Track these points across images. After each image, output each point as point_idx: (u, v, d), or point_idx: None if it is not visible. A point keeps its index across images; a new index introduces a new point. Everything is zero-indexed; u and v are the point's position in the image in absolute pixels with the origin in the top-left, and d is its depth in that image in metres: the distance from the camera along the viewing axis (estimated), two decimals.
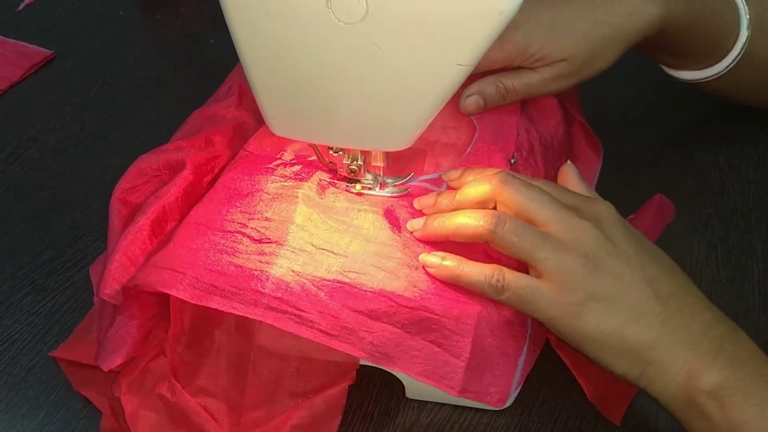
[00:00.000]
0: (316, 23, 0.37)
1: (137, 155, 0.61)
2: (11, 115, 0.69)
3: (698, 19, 0.54)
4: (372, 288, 0.43)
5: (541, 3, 0.52)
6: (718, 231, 0.58)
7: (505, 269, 0.42)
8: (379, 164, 0.48)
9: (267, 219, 0.46)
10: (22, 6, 0.81)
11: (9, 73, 0.72)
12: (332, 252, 0.44)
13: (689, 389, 0.39)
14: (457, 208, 0.45)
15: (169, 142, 0.56)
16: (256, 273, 0.43)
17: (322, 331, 0.42)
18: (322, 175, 0.49)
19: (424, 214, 0.47)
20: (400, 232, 0.46)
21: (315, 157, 0.50)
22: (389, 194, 0.49)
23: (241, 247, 0.44)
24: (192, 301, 0.43)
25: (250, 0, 0.37)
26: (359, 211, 0.47)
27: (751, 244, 0.57)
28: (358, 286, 0.43)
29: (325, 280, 0.43)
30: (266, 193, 0.47)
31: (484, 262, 0.43)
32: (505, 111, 0.54)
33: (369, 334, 0.42)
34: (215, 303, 0.42)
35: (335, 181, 0.49)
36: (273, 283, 0.43)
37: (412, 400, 0.48)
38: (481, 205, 0.44)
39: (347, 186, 0.49)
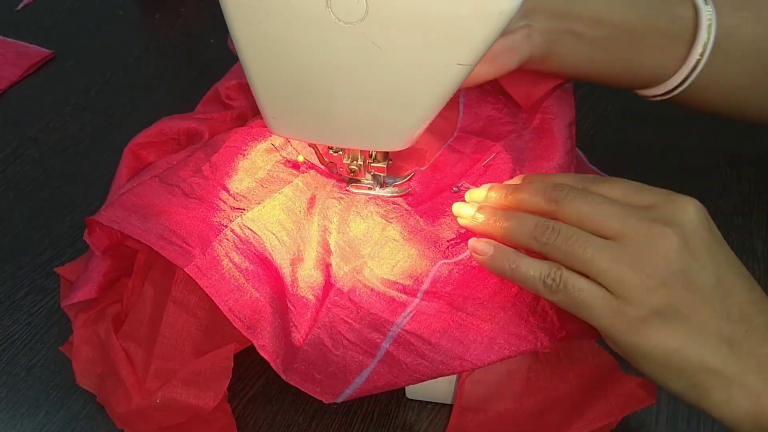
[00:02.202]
0: (316, 23, 0.37)
1: None
2: (11, 115, 0.69)
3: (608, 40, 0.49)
4: (256, 250, 0.44)
5: None
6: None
7: (563, 268, 0.39)
8: (379, 164, 0.48)
9: (204, 177, 0.48)
10: (21, 6, 0.81)
11: (9, 73, 0.72)
12: (242, 210, 0.46)
13: (758, 416, 0.36)
14: (510, 208, 0.43)
15: (198, 107, 0.59)
16: (166, 213, 0.45)
17: (198, 267, 0.43)
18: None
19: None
20: (310, 213, 0.47)
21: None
22: (389, 194, 0.49)
23: (171, 197, 0.46)
24: (103, 221, 0.46)
25: (250, 0, 0.37)
26: (291, 183, 0.48)
27: (752, 244, 0.57)
28: (246, 242, 0.44)
29: (222, 226, 0.44)
30: (208, 146, 0.50)
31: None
32: (490, 136, 0.52)
33: (236, 289, 0.43)
34: (117, 225, 0.45)
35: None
36: (175, 221, 0.45)
37: (412, 400, 0.48)
38: (537, 213, 0.41)
39: (347, 186, 0.49)
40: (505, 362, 0.42)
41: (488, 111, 0.54)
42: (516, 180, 0.45)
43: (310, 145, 0.50)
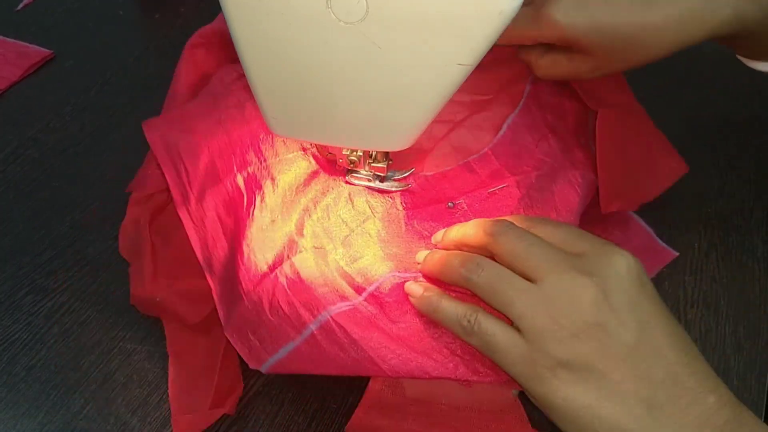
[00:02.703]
0: (316, 23, 0.37)
1: (137, 155, 0.61)
2: (11, 115, 0.69)
3: None
4: (240, 209, 0.47)
5: None
6: (718, 231, 0.58)
7: (480, 311, 0.39)
8: (379, 164, 0.48)
9: (243, 116, 0.52)
10: (21, 6, 0.81)
11: (9, 73, 0.72)
12: (251, 174, 0.49)
13: None
14: (456, 247, 0.43)
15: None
16: (193, 133, 0.51)
17: (189, 213, 0.49)
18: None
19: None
20: (303, 192, 0.48)
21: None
22: (389, 188, 0.49)
23: (207, 119, 0.52)
24: (146, 130, 0.53)
25: (250, 0, 0.37)
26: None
27: (752, 244, 0.57)
28: (235, 200, 0.48)
29: (225, 176, 0.49)
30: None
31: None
32: (514, 164, 0.52)
33: (212, 239, 0.47)
34: (152, 138, 0.52)
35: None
36: (193, 155, 0.50)
37: None
38: (476, 251, 0.42)
39: (347, 177, 0.49)
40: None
41: (526, 141, 0.53)
42: (439, 234, 0.46)
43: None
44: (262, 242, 0.46)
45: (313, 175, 0.49)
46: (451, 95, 0.41)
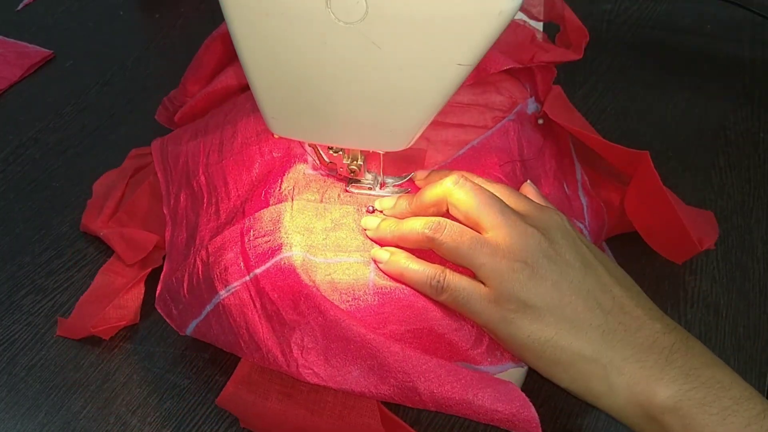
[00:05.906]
0: (316, 23, 0.37)
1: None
2: (11, 115, 0.69)
3: None
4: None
5: None
6: (718, 231, 0.58)
7: (447, 270, 0.42)
8: (380, 152, 0.48)
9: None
10: (21, 6, 0.81)
11: (9, 73, 0.72)
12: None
13: (644, 405, 0.38)
14: (414, 213, 0.45)
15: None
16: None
17: (171, 226, 0.53)
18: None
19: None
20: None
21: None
22: (389, 194, 0.49)
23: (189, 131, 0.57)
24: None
25: (250, 0, 0.37)
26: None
27: (752, 243, 0.57)
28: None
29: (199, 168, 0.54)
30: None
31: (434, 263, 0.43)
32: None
33: (177, 247, 0.51)
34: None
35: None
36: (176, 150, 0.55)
37: None
38: (436, 207, 0.44)
39: (347, 186, 0.49)
40: None
41: (488, 161, 0.52)
42: (423, 173, 0.48)
43: (310, 145, 0.50)
44: (214, 231, 0.49)
45: (273, 166, 0.50)
46: (451, 95, 0.41)
